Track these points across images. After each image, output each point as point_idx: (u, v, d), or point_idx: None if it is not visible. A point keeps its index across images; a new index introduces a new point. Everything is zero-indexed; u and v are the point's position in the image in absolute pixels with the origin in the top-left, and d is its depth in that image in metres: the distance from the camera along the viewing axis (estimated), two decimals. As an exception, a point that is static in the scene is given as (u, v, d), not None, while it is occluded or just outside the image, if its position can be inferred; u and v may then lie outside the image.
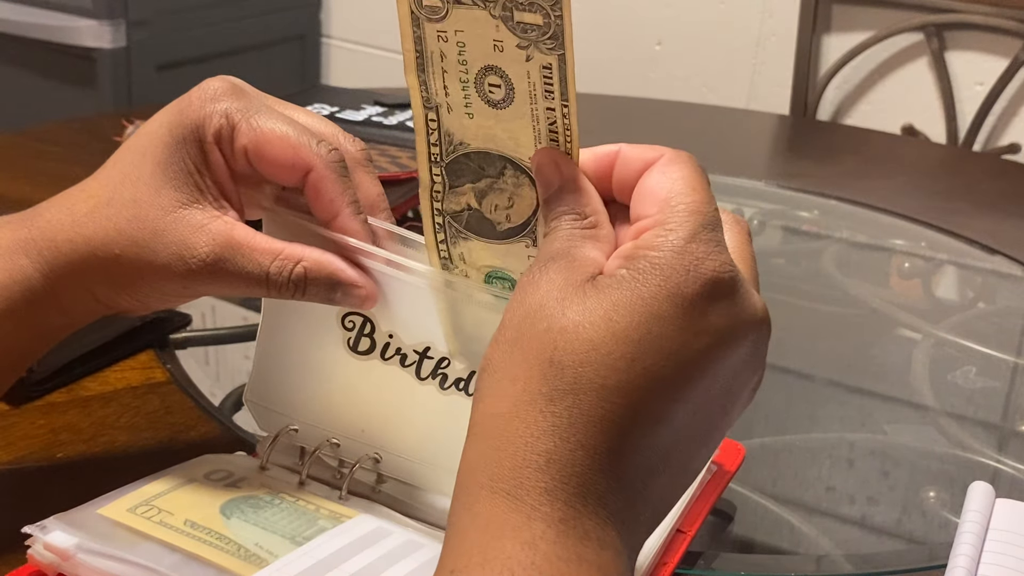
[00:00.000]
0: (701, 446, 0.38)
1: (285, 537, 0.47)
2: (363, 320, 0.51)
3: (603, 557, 0.34)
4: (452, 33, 0.40)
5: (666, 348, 0.35)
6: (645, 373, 0.35)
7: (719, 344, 0.36)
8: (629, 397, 0.35)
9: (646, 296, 0.36)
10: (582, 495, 0.34)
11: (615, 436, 0.35)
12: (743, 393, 0.39)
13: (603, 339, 0.35)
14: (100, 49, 1.91)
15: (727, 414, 0.39)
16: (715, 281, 0.36)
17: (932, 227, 1.08)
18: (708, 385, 0.37)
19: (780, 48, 1.89)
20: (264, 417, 0.54)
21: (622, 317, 0.35)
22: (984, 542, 0.53)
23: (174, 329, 0.74)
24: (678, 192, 0.38)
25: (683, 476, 0.39)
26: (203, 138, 0.48)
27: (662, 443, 0.36)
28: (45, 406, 0.64)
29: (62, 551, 0.45)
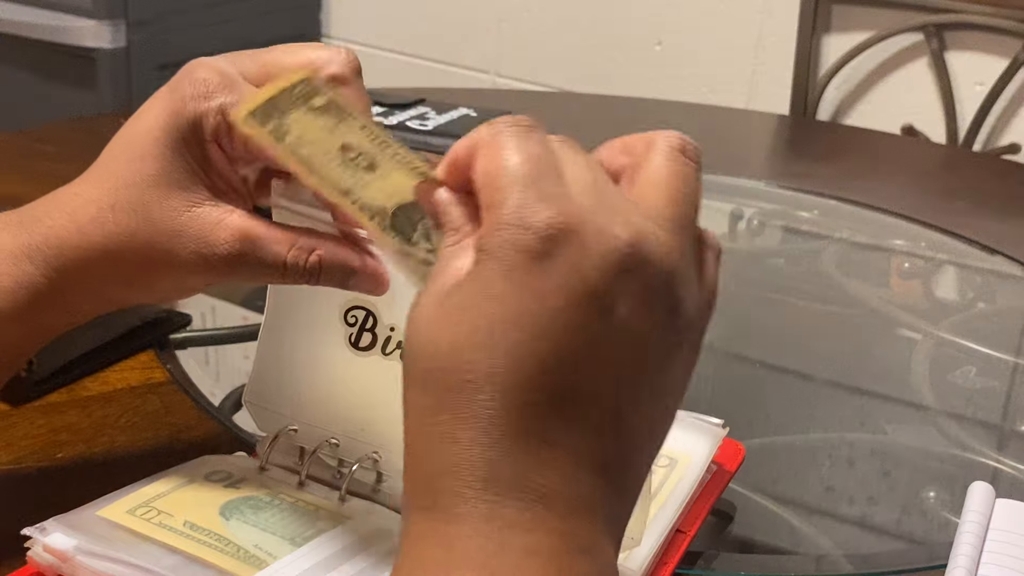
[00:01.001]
0: (617, 399, 0.36)
1: (284, 538, 0.47)
2: (366, 314, 0.51)
3: (530, 539, 0.33)
4: (299, 138, 0.45)
5: (519, 323, 0.34)
6: (506, 354, 0.34)
7: (574, 297, 0.34)
8: (498, 381, 0.34)
9: (485, 283, 0.35)
10: (491, 487, 0.34)
11: (502, 422, 0.34)
12: (650, 332, 0.36)
13: (457, 338, 0.35)
14: (100, 49, 1.91)
15: (641, 359, 0.36)
16: (543, 240, 0.34)
17: (932, 227, 1.08)
18: (580, 340, 0.35)
19: (780, 48, 1.89)
20: (263, 418, 0.54)
21: (468, 312, 0.35)
22: (984, 542, 0.53)
23: (174, 329, 0.74)
24: (488, 172, 0.37)
25: (618, 435, 0.36)
26: (202, 137, 0.48)
27: (555, 412, 0.35)
28: (45, 406, 0.64)
29: (61, 553, 0.45)
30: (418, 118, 1.08)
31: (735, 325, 1.00)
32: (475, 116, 1.11)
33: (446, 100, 1.16)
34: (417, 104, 1.13)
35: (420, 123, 1.06)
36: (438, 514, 0.34)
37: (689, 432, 0.58)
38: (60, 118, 1.30)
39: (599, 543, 0.35)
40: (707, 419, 0.59)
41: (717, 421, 0.59)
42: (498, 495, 0.34)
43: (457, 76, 2.23)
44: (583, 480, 0.35)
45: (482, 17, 2.19)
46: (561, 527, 0.34)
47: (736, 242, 1.17)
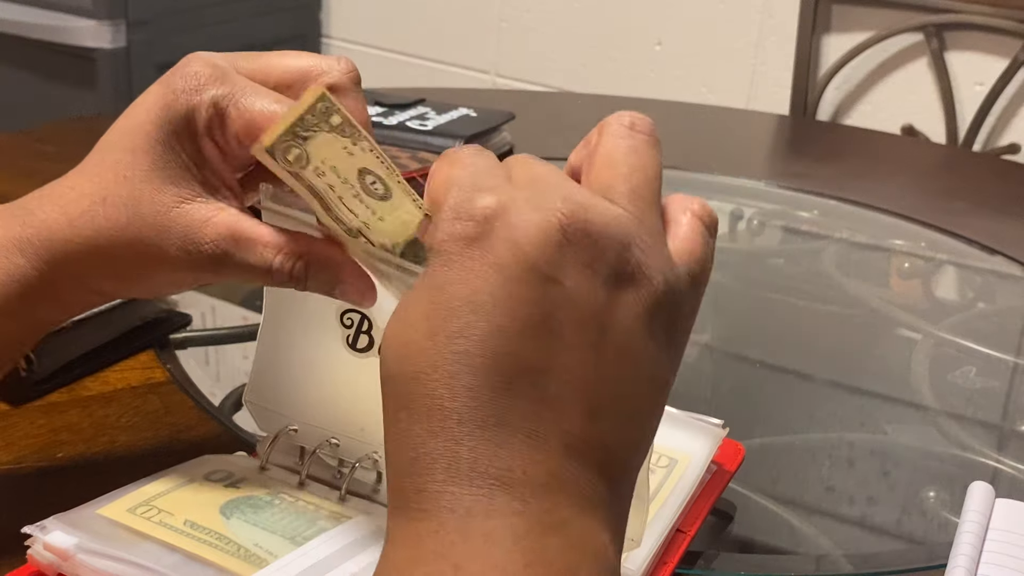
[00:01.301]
0: (578, 370, 0.35)
1: (285, 537, 0.47)
2: (361, 317, 0.51)
3: (490, 524, 0.33)
4: (322, 164, 0.45)
5: (458, 308, 0.34)
6: (448, 341, 0.34)
7: (514, 272, 0.34)
8: (445, 370, 0.34)
9: (430, 278, 0.35)
10: (452, 478, 0.33)
11: (453, 411, 0.34)
12: (603, 300, 0.35)
13: (406, 336, 0.35)
14: (100, 49, 1.91)
15: (600, 328, 0.35)
16: (478, 224, 0.35)
17: (932, 227, 1.08)
18: (524, 315, 0.34)
19: (780, 48, 1.90)
20: (264, 417, 0.54)
21: (415, 308, 0.35)
22: (984, 542, 0.53)
23: (174, 329, 0.74)
24: (435, 187, 0.38)
25: (585, 409, 0.35)
26: (195, 131, 0.47)
27: (507, 392, 0.34)
28: (45, 406, 0.64)
29: (62, 551, 0.45)
30: (418, 118, 1.08)
31: (735, 325, 1.00)
32: (475, 116, 1.12)
33: (446, 100, 1.16)
34: (417, 104, 1.13)
35: (420, 123, 1.06)
36: (408, 512, 0.34)
37: (689, 432, 0.58)
38: (60, 118, 1.30)
39: (570, 519, 0.34)
40: (707, 419, 0.59)
41: (717, 421, 0.59)
42: (458, 485, 0.33)
43: (457, 76, 2.23)
44: (546, 458, 0.34)
45: (482, 17, 2.19)
46: (523, 508, 0.33)
47: (736, 242, 1.17)
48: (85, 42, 1.92)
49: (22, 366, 0.64)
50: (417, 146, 1.03)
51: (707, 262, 0.39)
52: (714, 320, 1.00)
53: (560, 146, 1.32)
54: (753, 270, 1.12)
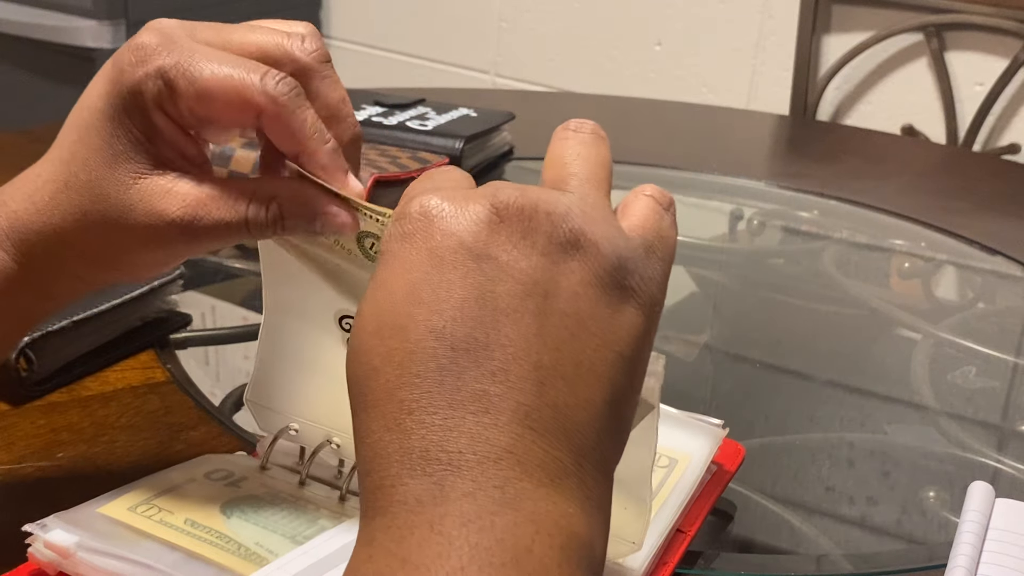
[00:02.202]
0: (524, 342, 0.34)
1: (285, 536, 0.47)
2: None
3: (436, 512, 0.32)
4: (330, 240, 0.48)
5: (398, 299, 0.35)
6: (393, 332, 0.35)
7: (447, 255, 0.35)
8: (394, 360, 0.34)
9: (375, 278, 0.36)
10: (405, 469, 0.33)
11: (402, 401, 0.34)
12: (543, 269, 0.35)
13: (360, 337, 0.36)
14: (100, 49, 1.91)
15: (544, 295, 0.35)
16: (414, 220, 0.36)
17: (932, 227, 1.08)
18: (461, 294, 0.35)
19: (780, 48, 1.90)
20: (264, 417, 0.54)
21: (365, 308, 0.36)
22: (984, 542, 0.53)
23: (174, 329, 0.74)
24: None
25: (536, 379, 0.34)
26: (144, 105, 0.46)
27: (454, 372, 0.34)
28: (45, 406, 0.64)
29: (62, 549, 0.45)
30: (418, 118, 1.08)
31: (735, 325, 1.00)
32: (475, 116, 1.12)
33: (446, 100, 1.16)
34: (417, 104, 1.13)
35: (420, 123, 1.06)
36: (367, 512, 0.34)
37: (689, 432, 0.58)
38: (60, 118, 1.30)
39: (524, 493, 0.33)
40: (707, 419, 0.59)
41: (717, 421, 0.59)
42: (411, 476, 0.33)
43: (457, 76, 2.23)
44: (498, 434, 0.33)
45: (482, 17, 2.19)
46: (474, 489, 0.32)
47: (736, 242, 1.17)
48: (85, 42, 1.92)
49: (22, 366, 0.64)
50: (417, 146, 1.03)
51: (663, 232, 0.39)
52: (714, 320, 1.00)
53: (560, 146, 1.32)
54: (753, 270, 1.12)
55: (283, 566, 0.45)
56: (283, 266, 0.50)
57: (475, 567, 0.31)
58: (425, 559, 0.31)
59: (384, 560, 0.32)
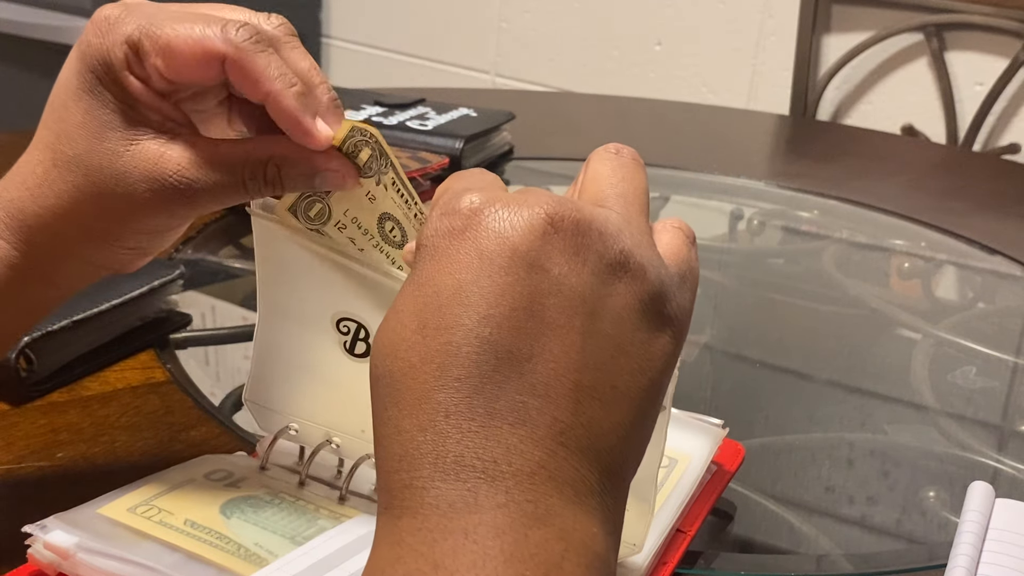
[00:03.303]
0: (565, 357, 0.34)
1: (285, 537, 0.47)
2: (357, 326, 0.51)
3: (471, 520, 0.32)
4: (344, 216, 0.47)
5: (444, 300, 0.35)
6: (437, 333, 0.34)
7: (499, 259, 0.35)
8: (434, 362, 0.34)
9: (417, 273, 0.36)
10: (437, 472, 0.33)
11: (440, 404, 0.34)
12: (590, 285, 0.35)
13: (395, 333, 0.35)
14: (100, 49, 1.91)
15: (588, 314, 0.35)
16: (464, 217, 0.35)
17: (932, 227, 1.08)
18: (510, 302, 0.34)
19: (780, 48, 1.90)
20: (264, 417, 0.54)
21: (403, 304, 0.36)
22: (984, 542, 0.53)
23: (174, 329, 0.74)
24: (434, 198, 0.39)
25: (574, 397, 0.34)
26: (115, 74, 0.46)
27: (494, 381, 0.34)
28: (45, 406, 0.64)
29: (62, 550, 0.45)
30: (418, 118, 1.08)
31: (735, 325, 1.00)
32: (475, 116, 1.12)
33: (446, 100, 1.16)
34: (417, 104, 1.13)
35: (420, 123, 1.07)
36: (393, 510, 0.34)
37: (689, 432, 0.58)
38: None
39: (556, 509, 0.33)
40: (707, 419, 0.59)
41: (717, 421, 0.59)
42: (443, 480, 0.33)
43: (457, 76, 2.23)
44: (532, 448, 0.33)
45: (482, 17, 2.19)
46: (507, 501, 0.32)
47: (736, 242, 1.17)
48: (85, 42, 1.92)
49: (22, 365, 0.64)
50: (417, 146, 1.03)
51: (693, 264, 0.40)
52: (714, 320, 1.00)
53: (560, 146, 1.33)
54: (753, 270, 1.12)
55: (283, 566, 0.45)
56: (279, 266, 0.50)
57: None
58: (459, 566, 0.31)
59: (414, 563, 0.32)
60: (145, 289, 0.72)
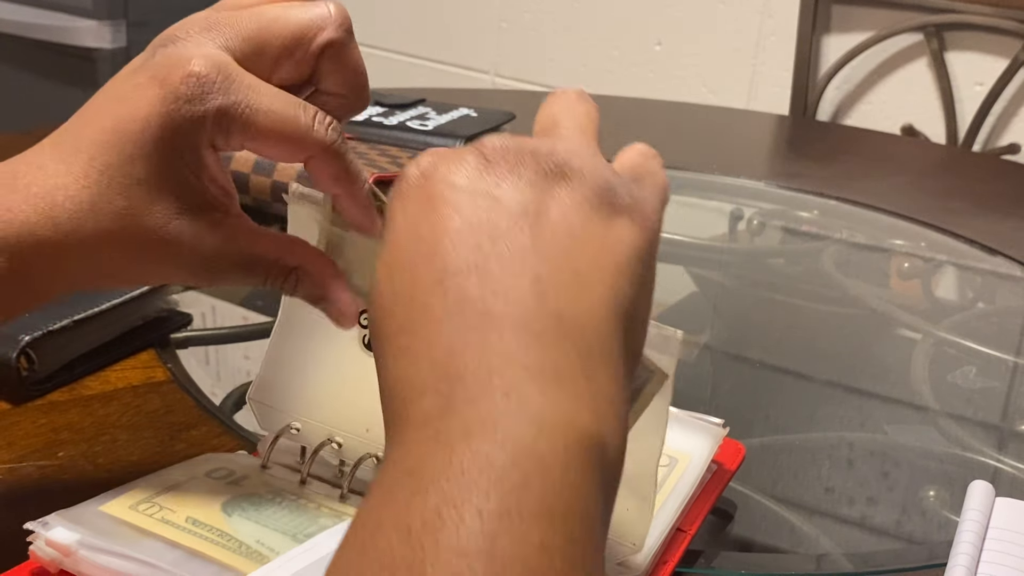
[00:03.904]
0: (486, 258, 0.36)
1: (286, 534, 0.47)
2: None
3: (443, 424, 0.32)
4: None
5: (398, 248, 0.37)
6: (403, 273, 0.36)
7: (430, 205, 0.37)
8: (400, 300, 0.36)
9: (386, 238, 0.38)
10: (419, 392, 0.34)
11: (418, 331, 0.35)
12: (523, 186, 0.37)
13: (381, 279, 0.37)
14: (100, 49, 1.91)
15: (523, 214, 0.37)
16: (404, 182, 0.38)
17: (932, 227, 1.08)
18: (447, 231, 0.36)
19: (780, 48, 1.90)
20: (266, 416, 0.54)
21: (379, 267, 0.38)
22: (984, 541, 0.53)
23: (175, 329, 0.74)
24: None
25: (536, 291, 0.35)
26: (198, 142, 0.46)
27: (454, 299, 0.35)
28: (46, 405, 0.64)
29: (64, 547, 0.45)
30: (418, 118, 1.08)
31: (735, 325, 1.00)
32: (475, 116, 1.12)
33: (446, 100, 1.16)
34: (417, 104, 1.13)
35: (420, 123, 1.07)
36: (388, 444, 0.35)
37: (689, 432, 0.58)
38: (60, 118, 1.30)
39: (530, 397, 0.33)
40: (707, 419, 0.59)
41: (717, 421, 0.59)
42: (423, 395, 0.34)
43: (457, 76, 2.23)
44: (500, 343, 0.34)
45: (482, 17, 2.19)
46: (477, 395, 0.33)
47: (736, 242, 1.17)
48: (85, 42, 1.92)
49: (23, 365, 0.64)
50: (417, 146, 1.03)
51: (652, 170, 0.41)
52: (714, 320, 1.00)
53: (560, 146, 1.31)
54: (753, 270, 1.13)
55: (284, 564, 0.45)
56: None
57: (476, 469, 0.31)
58: (428, 468, 0.31)
59: (391, 474, 0.32)
60: (146, 289, 0.72)
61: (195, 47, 0.46)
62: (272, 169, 0.89)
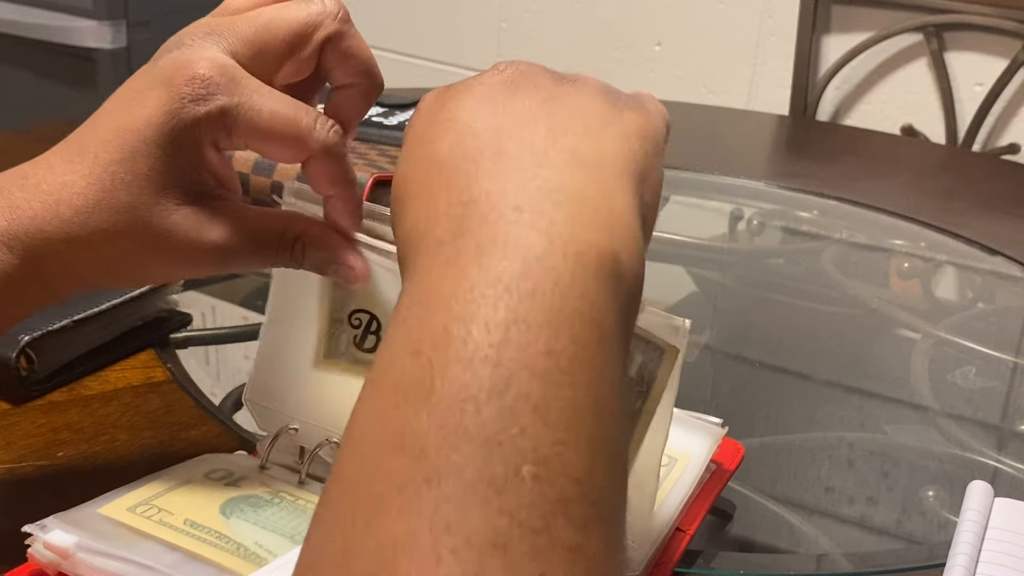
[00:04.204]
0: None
1: (284, 536, 0.47)
2: (370, 318, 0.51)
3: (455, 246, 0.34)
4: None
5: (427, 136, 0.39)
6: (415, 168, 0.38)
7: (460, 103, 0.39)
8: (421, 166, 0.38)
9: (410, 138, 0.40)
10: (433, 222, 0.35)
11: (441, 181, 0.36)
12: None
13: (396, 180, 0.39)
14: (100, 49, 1.91)
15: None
16: (416, 114, 0.41)
17: (932, 227, 1.08)
18: (479, 113, 0.38)
19: (780, 48, 1.90)
20: (264, 416, 0.54)
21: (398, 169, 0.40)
22: (983, 541, 0.53)
23: (174, 329, 0.74)
24: None
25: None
26: (200, 140, 0.47)
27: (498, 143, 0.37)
28: (46, 405, 0.64)
29: (62, 550, 0.45)
30: (418, 118, 1.08)
31: (735, 325, 1.00)
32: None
33: (446, 100, 1.16)
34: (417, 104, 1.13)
35: (420, 123, 1.06)
36: (403, 275, 0.36)
37: (689, 431, 0.58)
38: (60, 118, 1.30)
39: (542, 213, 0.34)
40: (706, 418, 0.59)
41: (716, 420, 0.59)
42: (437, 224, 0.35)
43: (457, 76, 2.22)
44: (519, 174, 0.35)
45: (482, 17, 2.19)
46: (489, 213, 0.34)
47: (736, 242, 1.17)
48: (85, 42, 1.92)
49: (23, 365, 0.64)
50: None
51: (651, 97, 0.43)
52: (714, 320, 1.00)
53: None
54: (753, 270, 1.13)
55: (282, 566, 0.45)
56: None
57: (484, 283, 0.32)
58: (439, 291, 0.32)
59: (405, 304, 0.33)
60: (146, 289, 0.72)
61: (199, 51, 0.47)
62: (272, 169, 0.90)
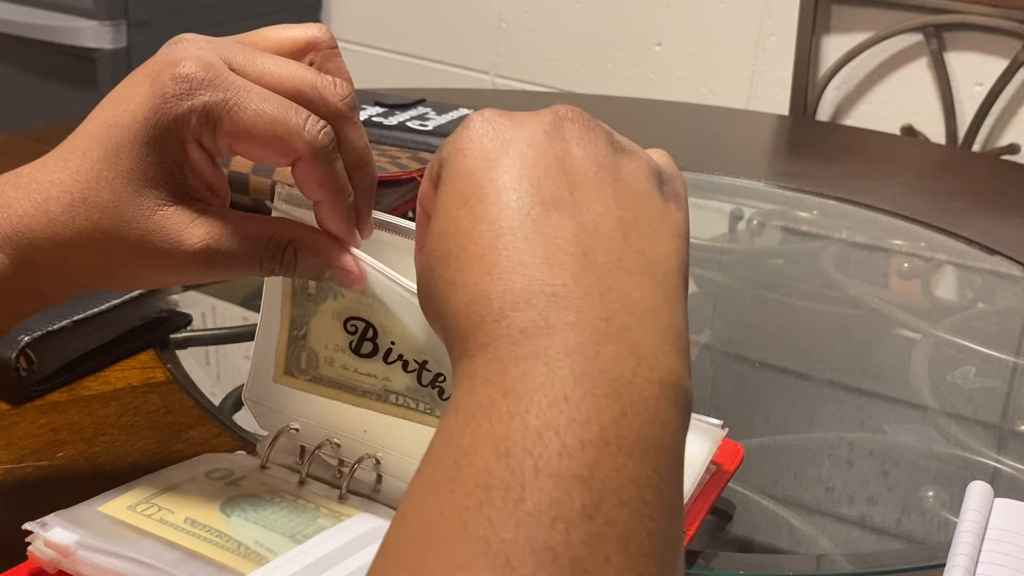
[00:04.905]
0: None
1: (285, 535, 0.47)
2: (366, 325, 0.51)
3: (541, 343, 0.33)
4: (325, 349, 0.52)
5: (476, 185, 0.38)
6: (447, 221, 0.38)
7: (515, 149, 0.39)
8: (482, 220, 0.37)
9: (453, 174, 0.40)
10: (509, 304, 0.35)
11: (504, 249, 0.36)
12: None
13: (439, 220, 0.39)
14: (100, 49, 1.91)
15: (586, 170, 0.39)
16: (459, 137, 0.41)
17: (932, 227, 1.08)
18: (536, 167, 0.38)
19: (780, 48, 1.90)
20: (264, 416, 0.54)
21: (438, 203, 0.40)
22: (983, 541, 0.53)
23: (174, 329, 0.74)
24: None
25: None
26: (183, 137, 0.46)
27: (545, 223, 0.36)
28: (46, 405, 0.64)
29: (62, 548, 0.45)
30: (418, 118, 1.08)
31: (735, 325, 1.00)
32: (475, 116, 1.11)
33: (446, 100, 1.16)
34: (417, 104, 1.13)
35: (420, 123, 1.07)
36: (468, 352, 0.35)
37: (688, 433, 0.58)
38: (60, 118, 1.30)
39: (629, 325, 0.34)
40: (706, 419, 0.59)
41: (716, 421, 0.59)
42: (515, 309, 0.35)
43: (457, 76, 2.23)
44: (596, 273, 0.35)
45: (482, 17, 2.19)
46: (578, 320, 0.34)
47: (736, 242, 1.17)
48: (85, 42, 1.92)
49: (22, 365, 0.64)
50: (417, 146, 1.03)
51: (677, 172, 0.43)
52: (714, 320, 1.00)
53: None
54: (753, 270, 1.13)
55: (282, 564, 0.45)
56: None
57: (579, 395, 0.32)
58: (528, 389, 0.32)
59: (485, 392, 0.33)
60: (145, 289, 0.72)
61: (192, 50, 0.47)
62: (272, 170, 0.90)
